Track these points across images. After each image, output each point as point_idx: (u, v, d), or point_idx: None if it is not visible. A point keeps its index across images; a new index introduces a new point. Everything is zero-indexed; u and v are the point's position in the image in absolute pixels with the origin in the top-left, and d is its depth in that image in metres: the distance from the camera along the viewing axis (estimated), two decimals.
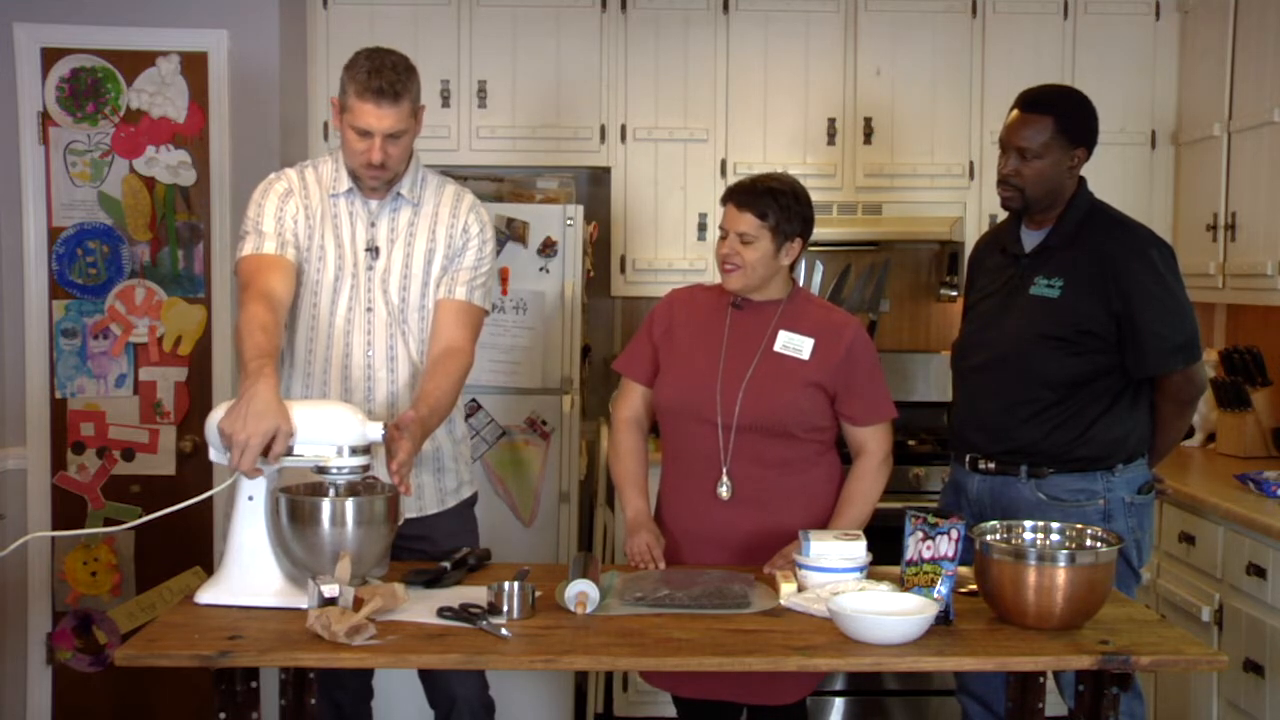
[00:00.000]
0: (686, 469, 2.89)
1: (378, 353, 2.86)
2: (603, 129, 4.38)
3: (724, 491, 2.83)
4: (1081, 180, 3.02)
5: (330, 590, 2.26)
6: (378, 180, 2.82)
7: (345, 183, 2.86)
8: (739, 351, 2.87)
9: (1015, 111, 2.99)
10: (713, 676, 2.72)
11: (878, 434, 2.89)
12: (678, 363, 2.92)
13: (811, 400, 2.84)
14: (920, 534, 2.43)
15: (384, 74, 2.71)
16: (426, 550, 2.81)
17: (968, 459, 3.07)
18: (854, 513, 2.83)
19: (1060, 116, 2.93)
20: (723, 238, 2.86)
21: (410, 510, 2.88)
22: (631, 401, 3.01)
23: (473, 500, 3.05)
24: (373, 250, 2.86)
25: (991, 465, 3.02)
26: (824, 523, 2.82)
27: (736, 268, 2.83)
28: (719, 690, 2.84)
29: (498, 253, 3.20)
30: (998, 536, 2.49)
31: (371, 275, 2.86)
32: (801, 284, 4.48)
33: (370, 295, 2.85)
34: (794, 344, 2.86)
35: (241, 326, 2.59)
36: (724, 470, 2.83)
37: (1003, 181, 2.99)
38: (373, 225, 2.87)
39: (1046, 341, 2.93)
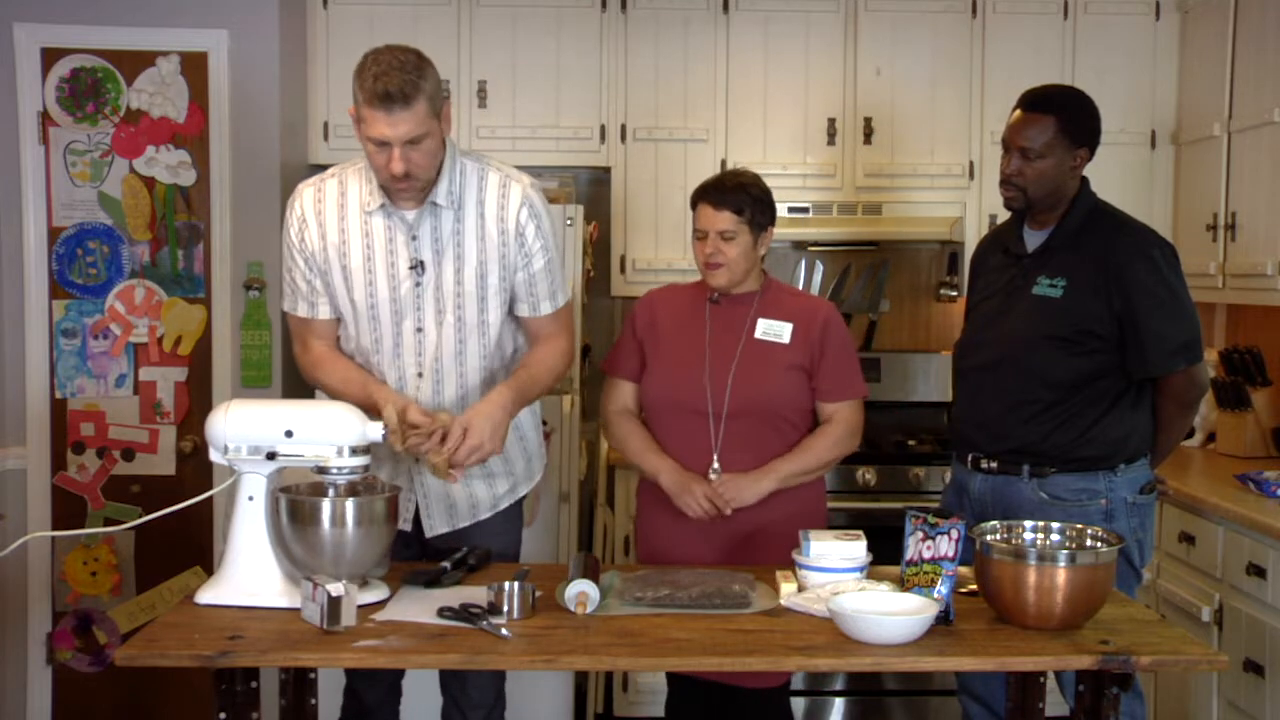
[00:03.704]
0: (677, 461, 2.91)
1: (427, 377, 2.73)
2: (603, 129, 4.38)
3: (714, 479, 2.86)
4: (1084, 180, 3.02)
5: (335, 589, 2.26)
6: (408, 192, 2.61)
7: (378, 198, 2.65)
8: (722, 342, 2.92)
9: (1018, 111, 2.99)
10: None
11: (845, 410, 2.93)
12: (663, 358, 2.96)
13: (796, 382, 2.90)
14: (920, 534, 2.43)
15: (390, 76, 2.46)
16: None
17: (970, 458, 3.07)
18: (802, 459, 2.87)
19: (1063, 117, 2.93)
20: (701, 238, 2.91)
21: (464, 519, 2.81)
22: (620, 396, 3.04)
23: (522, 499, 2.96)
24: (417, 266, 2.67)
25: (993, 465, 3.02)
26: (809, 516, 2.84)
27: (720, 265, 2.88)
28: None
29: None
30: (998, 536, 2.49)
31: (420, 293, 2.68)
32: (802, 284, 4.52)
33: (420, 315, 2.69)
34: (774, 330, 2.92)
35: (336, 387, 2.71)
36: (714, 458, 2.87)
37: (1005, 181, 2.99)
38: (414, 239, 2.66)
39: (1048, 341, 2.92)
